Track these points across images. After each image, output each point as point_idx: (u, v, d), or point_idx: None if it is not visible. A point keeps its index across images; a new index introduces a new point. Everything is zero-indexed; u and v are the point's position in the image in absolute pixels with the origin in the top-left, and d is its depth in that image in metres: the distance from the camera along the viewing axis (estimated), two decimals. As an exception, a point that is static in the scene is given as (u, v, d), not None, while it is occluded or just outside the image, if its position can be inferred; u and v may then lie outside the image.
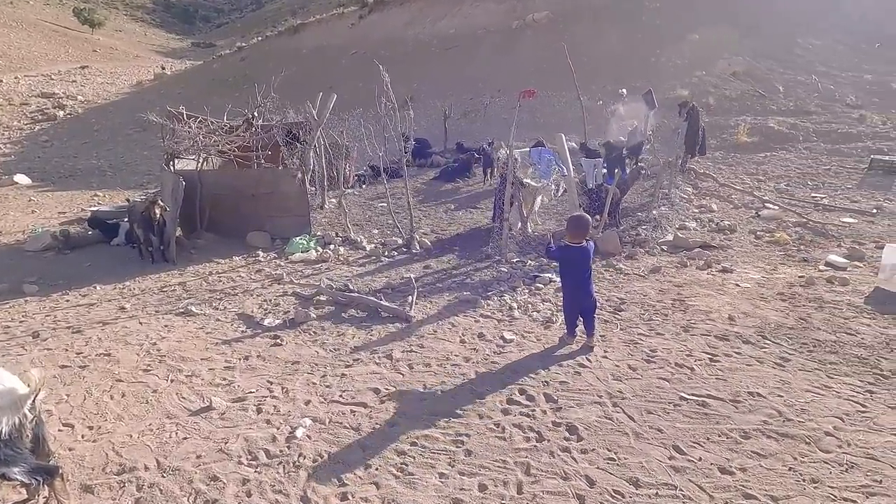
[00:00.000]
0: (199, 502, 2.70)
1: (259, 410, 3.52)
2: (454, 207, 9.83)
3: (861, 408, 3.19)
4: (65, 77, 32.64)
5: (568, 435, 3.06)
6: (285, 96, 11.33)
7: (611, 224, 7.47)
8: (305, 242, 7.81)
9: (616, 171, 7.55)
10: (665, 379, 3.63)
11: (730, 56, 15.70)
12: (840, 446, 2.84)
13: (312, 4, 49.92)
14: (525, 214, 7.30)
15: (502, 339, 4.44)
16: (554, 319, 4.79)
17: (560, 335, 4.39)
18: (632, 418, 3.18)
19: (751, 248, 6.77)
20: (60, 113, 26.00)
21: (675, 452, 2.86)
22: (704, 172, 10.10)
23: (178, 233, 8.06)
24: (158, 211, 7.10)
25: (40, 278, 6.90)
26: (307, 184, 8.79)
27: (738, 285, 5.45)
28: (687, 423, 3.11)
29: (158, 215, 7.11)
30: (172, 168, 8.77)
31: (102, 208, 10.26)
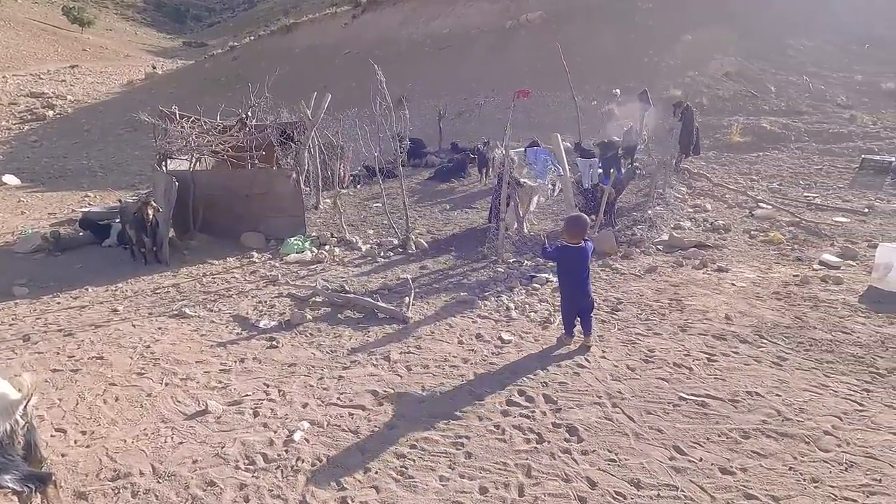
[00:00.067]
0: (196, 508, 2.66)
1: (256, 414, 3.48)
2: (449, 207, 9.81)
3: (859, 407, 3.20)
4: (54, 76, 32.28)
5: (568, 436, 3.05)
6: (278, 96, 11.28)
7: (606, 224, 7.48)
8: (300, 243, 7.75)
9: (612, 171, 7.56)
10: (664, 379, 3.63)
11: (722, 57, 15.82)
12: (839, 445, 2.84)
13: (305, 4, 49.72)
14: (521, 214, 7.29)
15: (500, 340, 4.42)
16: (551, 320, 4.78)
17: (558, 335, 4.38)
18: (632, 419, 3.17)
19: (745, 248, 6.80)
20: (50, 113, 25.71)
21: (676, 453, 2.85)
22: (698, 172, 10.14)
23: (171, 234, 7.98)
24: (151, 212, 7.02)
25: (30, 280, 6.80)
26: (302, 184, 8.73)
27: (734, 285, 5.47)
28: (687, 424, 3.11)
29: (151, 216, 7.03)
30: (165, 168, 8.68)
31: (94, 209, 10.15)
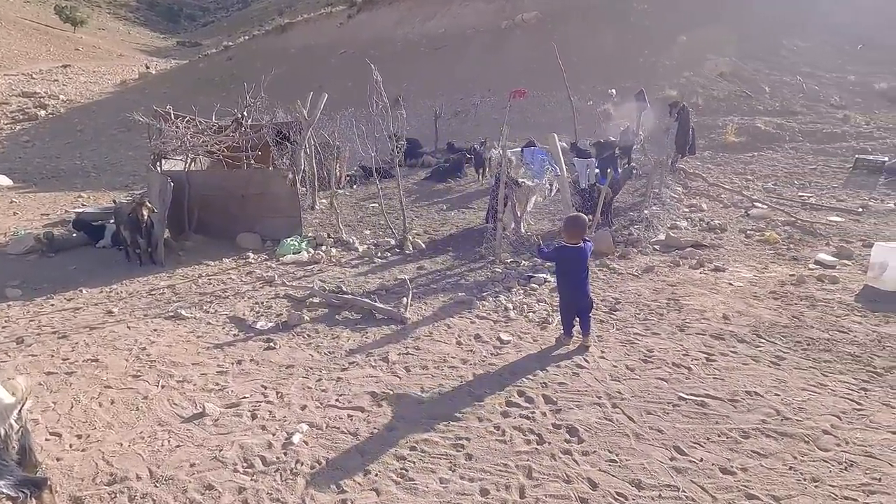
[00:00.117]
0: (194, 512, 2.63)
1: (254, 416, 3.45)
2: (446, 208, 9.79)
3: (857, 406, 3.21)
4: (46, 76, 32.02)
5: (568, 437, 3.04)
6: (273, 96, 11.23)
7: (603, 224, 7.49)
8: (297, 244, 7.71)
9: (609, 171, 7.57)
10: (663, 379, 3.63)
11: (717, 57, 15.89)
12: (838, 445, 2.85)
13: (300, 3, 49.61)
14: (519, 214, 7.29)
15: (499, 341, 4.41)
16: (550, 320, 4.77)
17: (556, 336, 4.38)
18: (632, 419, 3.17)
19: (741, 247, 6.83)
20: (42, 112, 25.51)
21: (676, 453, 2.85)
22: (694, 172, 10.18)
23: (166, 234, 7.91)
24: (146, 212, 6.97)
25: (23, 282, 6.72)
26: (298, 184, 8.69)
27: (731, 284, 5.48)
28: (687, 424, 3.11)
29: (146, 217, 6.98)
30: (159, 169, 8.61)
31: (87, 210, 10.06)
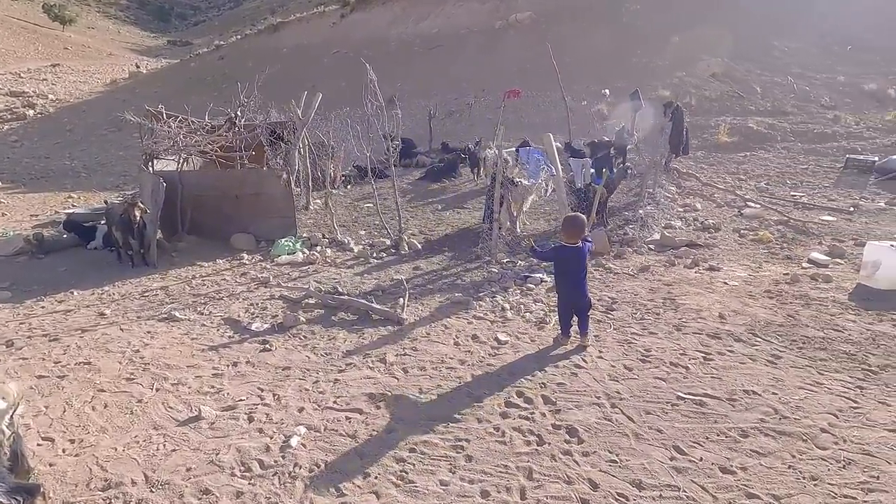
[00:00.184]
0: (191, 517, 2.59)
1: (250, 419, 3.41)
2: (441, 208, 9.77)
3: (853, 404, 3.23)
4: (35, 75, 31.64)
5: (568, 437, 3.03)
6: (266, 95, 11.14)
7: (598, 223, 7.50)
8: (291, 244, 7.66)
9: (604, 171, 7.59)
10: (661, 378, 3.63)
11: (709, 58, 15.99)
12: (836, 443, 2.86)
13: (292, 3, 49.37)
14: (515, 214, 7.28)
15: (496, 341, 4.40)
16: (547, 320, 4.77)
17: (554, 335, 4.37)
18: (631, 419, 3.17)
19: (736, 247, 6.87)
20: (31, 112, 25.20)
21: (676, 453, 2.85)
22: (687, 172, 10.23)
23: (159, 235, 7.84)
24: (138, 213, 6.89)
25: (13, 284, 6.63)
26: (292, 184, 8.63)
27: (726, 283, 5.51)
28: (686, 423, 3.11)
29: (138, 217, 6.90)
30: (151, 169, 8.52)
31: (78, 210, 9.94)
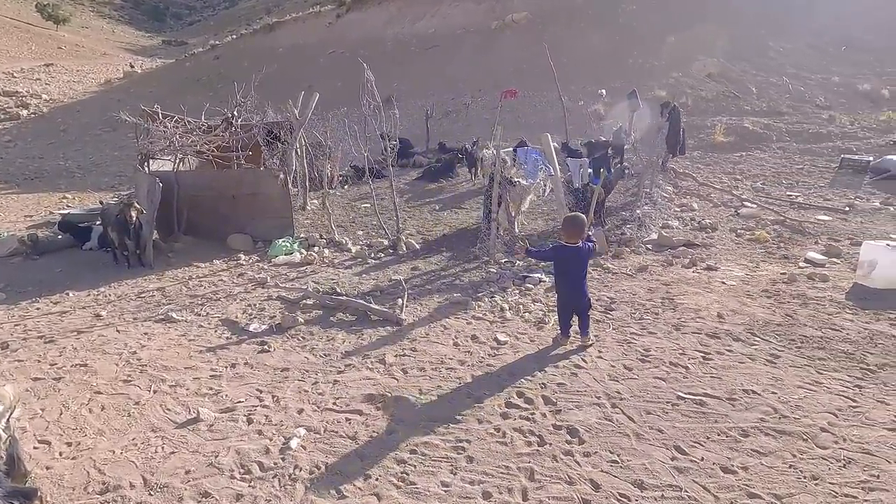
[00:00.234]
0: (191, 520, 2.57)
1: (250, 421, 3.39)
2: (439, 208, 9.76)
3: (852, 403, 3.24)
4: (28, 75, 31.42)
5: (569, 438, 3.03)
6: (262, 95, 11.10)
7: (596, 223, 7.50)
8: (289, 245, 7.63)
9: (602, 171, 7.60)
10: (661, 378, 3.63)
11: (705, 58, 16.05)
12: (836, 442, 2.87)
13: (287, 2, 49.25)
14: (513, 214, 7.28)
15: (496, 341, 4.39)
16: (546, 320, 4.77)
17: (553, 336, 4.37)
18: (631, 419, 3.17)
19: (732, 246, 6.89)
20: (24, 112, 25.03)
21: (677, 453, 2.85)
22: (684, 172, 10.26)
23: (155, 236, 7.79)
24: (134, 213, 6.84)
25: (7, 285, 6.57)
26: (289, 185, 8.60)
27: (724, 283, 5.53)
28: (686, 423, 3.11)
29: (134, 218, 6.85)
30: (147, 169, 8.47)
31: (73, 211, 9.87)
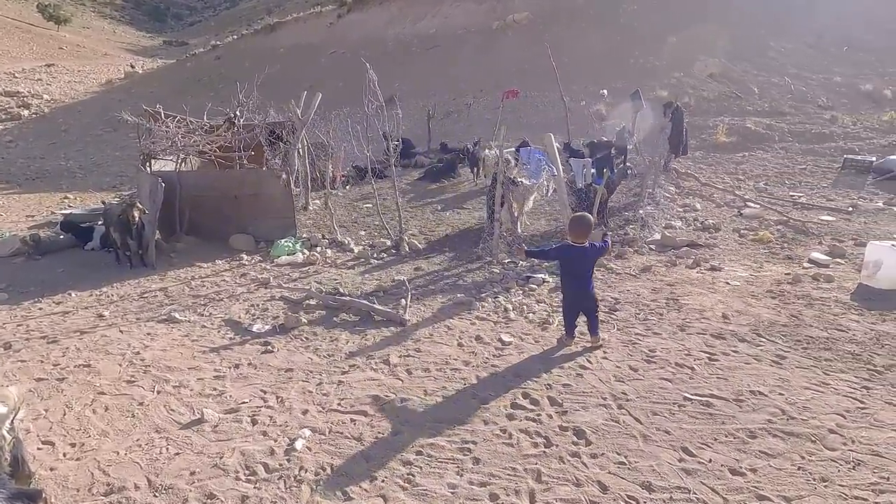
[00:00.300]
0: (196, 522, 2.56)
1: (254, 422, 3.37)
2: (441, 208, 9.74)
3: (860, 404, 3.22)
4: (29, 75, 31.44)
5: (576, 439, 3.01)
6: (264, 95, 11.09)
7: (599, 224, 7.49)
8: (291, 245, 7.62)
9: (605, 171, 7.58)
10: (667, 379, 3.62)
11: (706, 58, 16.02)
12: (845, 444, 2.85)
13: (289, 3, 49.27)
14: (516, 214, 7.27)
15: (500, 342, 4.38)
16: (550, 320, 4.75)
17: (558, 336, 4.35)
18: (638, 420, 3.15)
19: (736, 247, 6.87)
20: (25, 112, 25.04)
21: (685, 454, 2.83)
22: (686, 172, 10.24)
23: (157, 236, 7.77)
24: (136, 214, 6.83)
25: (9, 285, 6.56)
26: (292, 185, 8.58)
27: (728, 283, 5.51)
28: (693, 424, 3.09)
29: (136, 218, 6.84)
30: (149, 169, 8.46)
31: (75, 211, 9.86)
